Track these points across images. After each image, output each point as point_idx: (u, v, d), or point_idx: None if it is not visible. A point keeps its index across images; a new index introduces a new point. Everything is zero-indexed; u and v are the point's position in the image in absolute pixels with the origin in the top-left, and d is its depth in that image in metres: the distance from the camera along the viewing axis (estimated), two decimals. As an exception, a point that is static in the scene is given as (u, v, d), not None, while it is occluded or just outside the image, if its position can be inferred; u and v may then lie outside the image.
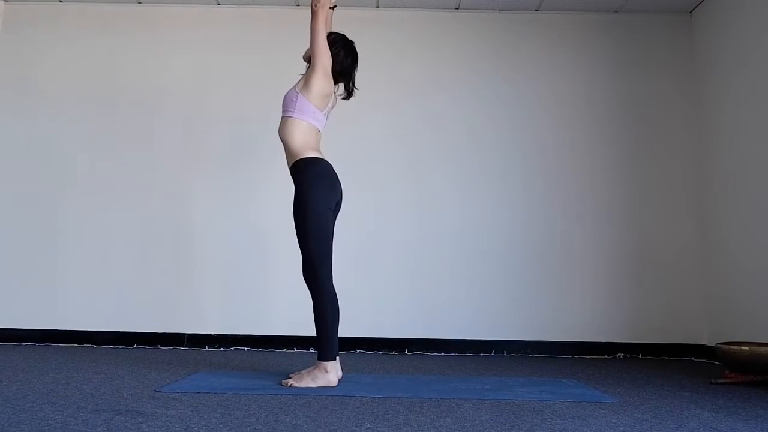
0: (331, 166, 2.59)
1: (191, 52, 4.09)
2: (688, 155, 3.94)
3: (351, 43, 2.74)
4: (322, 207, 2.49)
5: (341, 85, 2.75)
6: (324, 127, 2.68)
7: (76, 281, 3.86)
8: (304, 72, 2.68)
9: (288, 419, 1.87)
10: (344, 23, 2.87)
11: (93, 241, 3.90)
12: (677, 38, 4.06)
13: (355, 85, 2.77)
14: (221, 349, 3.77)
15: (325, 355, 2.47)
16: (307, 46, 2.68)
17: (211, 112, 4.02)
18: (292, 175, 2.57)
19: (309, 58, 2.66)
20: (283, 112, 2.62)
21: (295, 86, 2.62)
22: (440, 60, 4.07)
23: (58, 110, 4.03)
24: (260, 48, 4.08)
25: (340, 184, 2.62)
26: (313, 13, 2.57)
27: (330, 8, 2.71)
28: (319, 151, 2.60)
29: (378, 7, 4.10)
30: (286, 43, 4.03)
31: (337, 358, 2.52)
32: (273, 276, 3.84)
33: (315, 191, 2.49)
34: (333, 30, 2.76)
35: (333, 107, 2.74)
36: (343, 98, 2.78)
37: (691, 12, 4.06)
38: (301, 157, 2.54)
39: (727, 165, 3.61)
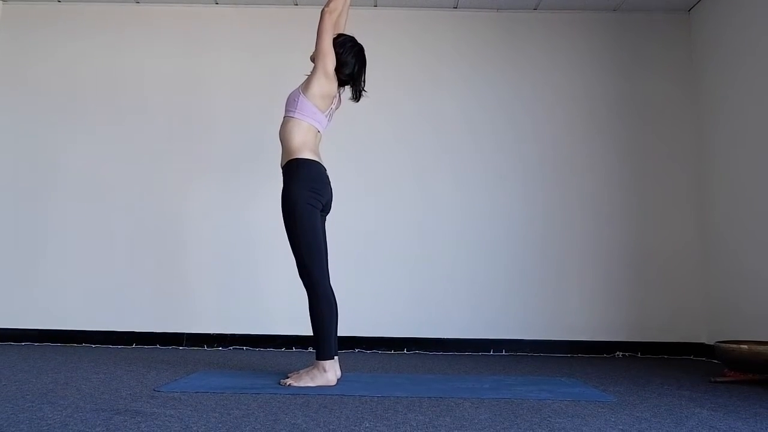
0: (323, 169, 2.59)
1: (189, 52, 4.08)
2: (687, 153, 3.94)
3: (360, 48, 2.72)
4: (308, 208, 2.48)
5: (347, 87, 2.75)
6: (325, 128, 2.68)
7: (75, 281, 3.85)
8: (309, 72, 2.68)
9: (287, 418, 1.87)
10: (342, 22, 2.86)
11: (92, 240, 3.89)
12: (676, 36, 4.06)
13: (365, 88, 2.76)
14: (220, 348, 3.77)
15: (323, 355, 2.47)
16: (314, 47, 2.69)
17: (209, 112, 4.02)
18: (283, 173, 2.57)
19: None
20: (285, 111, 2.63)
21: (299, 87, 2.63)
22: (439, 59, 4.07)
23: (56, 110, 4.02)
24: (259, 47, 4.08)
25: (330, 186, 2.61)
26: (321, 16, 2.59)
27: None
28: (316, 153, 2.60)
29: (376, 6, 4.10)
30: (285, 42, 4.04)
31: (336, 357, 2.52)
32: (271, 275, 3.84)
33: (301, 192, 2.48)
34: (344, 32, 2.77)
35: (337, 108, 2.74)
36: (353, 101, 2.77)
37: (689, 10, 4.06)
38: (295, 157, 2.53)
39: (726, 163, 3.61)
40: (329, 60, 2.58)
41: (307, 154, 2.54)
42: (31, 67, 4.07)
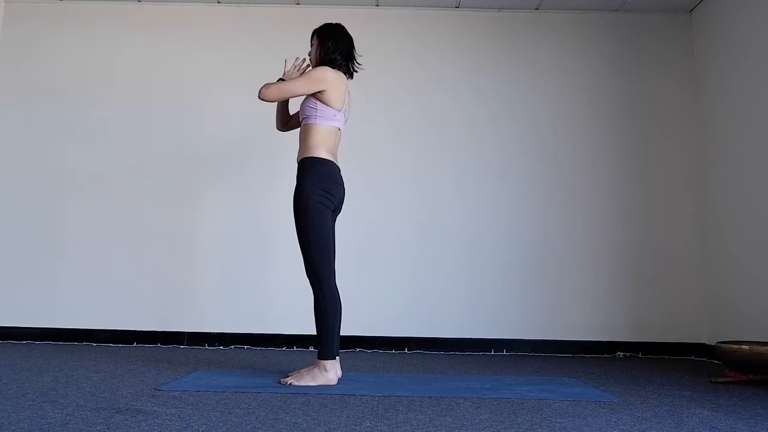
0: (336, 168, 2.59)
1: (191, 51, 4.08)
2: (688, 153, 3.94)
3: (341, 28, 2.69)
4: (319, 206, 2.49)
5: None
6: (344, 123, 2.67)
7: (76, 279, 3.86)
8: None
9: (287, 418, 1.87)
10: (343, 21, 2.86)
11: (93, 239, 3.90)
12: (677, 37, 4.06)
13: (357, 62, 2.72)
14: (221, 347, 3.77)
15: (325, 354, 2.47)
16: (308, 48, 2.71)
17: (211, 110, 4.02)
18: (297, 171, 2.57)
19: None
20: (304, 119, 2.60)
21: (312, 94, 2.59)
22: (440, 58, 4.07)
23: (58, 108, 4.02)
24: (260, 46, 4.08)
25: (342, 186, 2.61)
26: (264, 94, 2.52)
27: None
28: (332, 153, 2.58)
29: (378, 5, 4.10)
30: (287, 41, 4.03)
31: (337, 357, 2.52)
32: (273, 274, 3.84)
33: (313, 190, 2.48)
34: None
35: (350, 99, 2.74)
36: (348, 78, 2.77)
37: (691, 11, 4.06)
38: (309, 155, 2.53)
39: (727, 164, 3.60)
40: (319, 74, 2.54)
41: (321, 153, 2.53)
42: (32, 65, 4.07)
